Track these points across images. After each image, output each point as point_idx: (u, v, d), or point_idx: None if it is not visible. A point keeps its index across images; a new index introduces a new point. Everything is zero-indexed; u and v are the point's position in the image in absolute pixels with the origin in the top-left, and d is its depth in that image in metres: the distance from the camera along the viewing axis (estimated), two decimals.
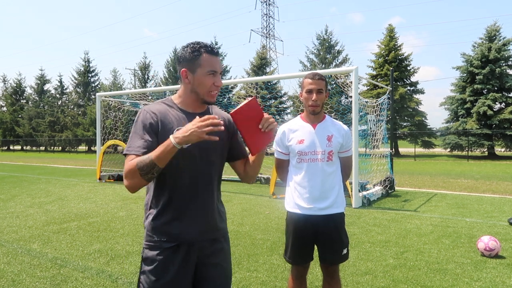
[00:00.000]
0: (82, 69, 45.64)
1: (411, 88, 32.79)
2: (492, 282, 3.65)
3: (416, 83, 32.76)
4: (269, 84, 25.07)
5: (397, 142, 31.64)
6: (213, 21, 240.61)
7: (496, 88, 27.56)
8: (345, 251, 2.53)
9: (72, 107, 46.94)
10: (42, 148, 49.42)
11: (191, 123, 1.51)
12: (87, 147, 45.71)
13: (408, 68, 32.50)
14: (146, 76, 43.74)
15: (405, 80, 32.65)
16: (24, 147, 51.70)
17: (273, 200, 8.47)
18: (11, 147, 54.02)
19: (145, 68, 43.84)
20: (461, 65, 28.94)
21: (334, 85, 21.33)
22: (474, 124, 27.05)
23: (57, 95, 48.29)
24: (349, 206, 7.47)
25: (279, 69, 57.23)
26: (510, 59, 27.55)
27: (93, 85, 45.91)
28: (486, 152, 28.33)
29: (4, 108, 53.51)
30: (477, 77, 27.45)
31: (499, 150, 29.79)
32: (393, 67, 29.66)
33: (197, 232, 1.70)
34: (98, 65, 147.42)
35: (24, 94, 52.77)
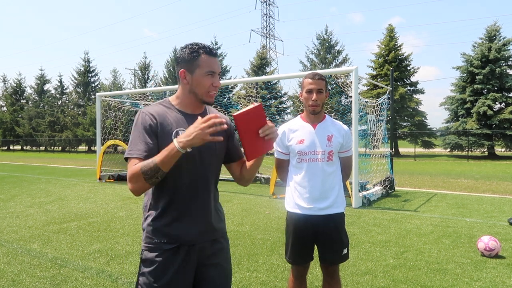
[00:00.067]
0: (82, 69, 45.64)
1: (411, 88, 32.81)
2: (492, 282, 3.65)
3: (416, 83, 32.80)
4: (269, 84, 25.05)
5: (397, 142, 31.65)
6: (213, 21, 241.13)
7: (496, 88, 27.57)
8: (345, 251, 2.53)
9: (72, 107, 46.95)
10: (42, 148, 49.41)
11: (193, 126, 1.49)
12: (87, 147, 45.73)
13: (408, 68, 32.53)
14: (146, 76, 43.77)
15: (405, 80, 32.67)
16: (24, 147, 51.70)
17: (273, 200, 8.47)
18: (11, 147, 54.02)
19: (145, 68, 43.87)
20: (461, 65, 28.96)
21: (334, 85, 21.33)
22: (474, 124, 27.06)
23: (57, 95, 48.29)
24: (349, 206, 7.46)
25: (279, 69, 57.22)
26: (510, 59, 27.56)
27: (93, 85, 45.91)
28: (486, 152, 28.33)
29: (4, 108, 53.52)
30: (477, 77, 27.46)
31: (499, 150, 29.79)
32: (393, 67, 29.66)
33: (197, 232, 1.70)
34: (98, 65, 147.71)
35: (24, 94, 52.78)
